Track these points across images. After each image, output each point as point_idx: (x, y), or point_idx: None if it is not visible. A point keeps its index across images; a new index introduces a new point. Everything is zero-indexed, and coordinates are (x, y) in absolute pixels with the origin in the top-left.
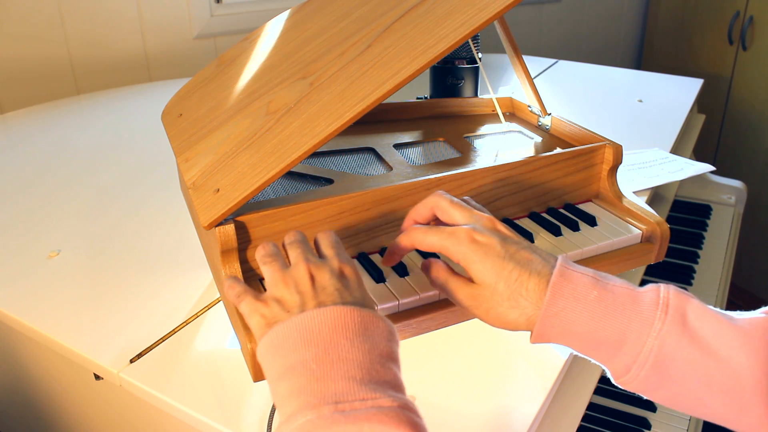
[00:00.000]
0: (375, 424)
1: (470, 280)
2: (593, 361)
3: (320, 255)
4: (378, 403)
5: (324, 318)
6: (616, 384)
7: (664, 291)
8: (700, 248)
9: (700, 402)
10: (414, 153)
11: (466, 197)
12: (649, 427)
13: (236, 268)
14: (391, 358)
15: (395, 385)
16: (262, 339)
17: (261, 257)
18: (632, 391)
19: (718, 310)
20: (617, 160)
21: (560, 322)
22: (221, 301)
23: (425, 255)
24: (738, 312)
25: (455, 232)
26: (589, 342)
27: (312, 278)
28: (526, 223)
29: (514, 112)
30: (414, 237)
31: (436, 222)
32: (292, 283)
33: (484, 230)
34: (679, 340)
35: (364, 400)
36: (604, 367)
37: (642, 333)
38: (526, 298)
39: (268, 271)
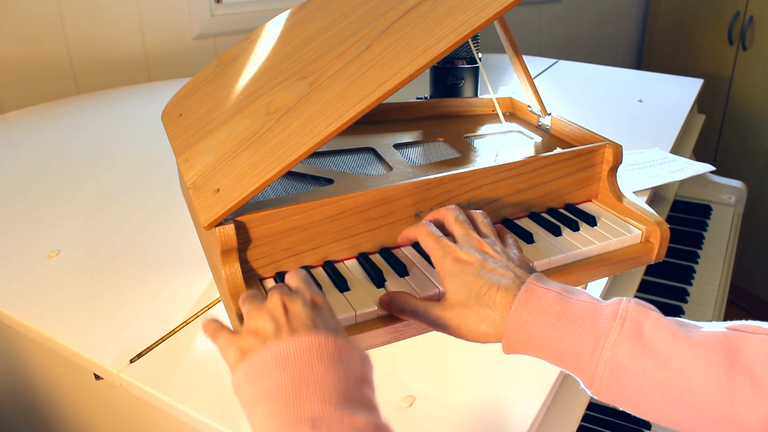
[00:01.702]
0: None
1: (441, 299)
2: (563, 369)
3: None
4: (354, 423)
5: (299, 345)
6: (590, 395)
7: (624, 304)
8: (700, 248)
9: (659, 411)
10: (414, 153)
11: (480, 210)
12: (649, 427)
13: (236, 268)
14: (366, 382)
15: (370, 407)
16: (237, 369)
17: (241, 300)
18: (603, 401)
19: (682, 321)
20: (617, 160)
21: (524, 335)
22: (221, 301)
23: (425, 256)
24: (703, 323)
25: (445, 246)
26: (554, 353)
27: (285, 308)
28: (526, 223)
29: (514, 112)
30: (419, 231)
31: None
32: (267, 312)
33: (469, 249)
34: (633, 351)
35: (341, 422)
36: (576, 377)
37: (598, 344)
38: (493, 310)
39: (244, 308)
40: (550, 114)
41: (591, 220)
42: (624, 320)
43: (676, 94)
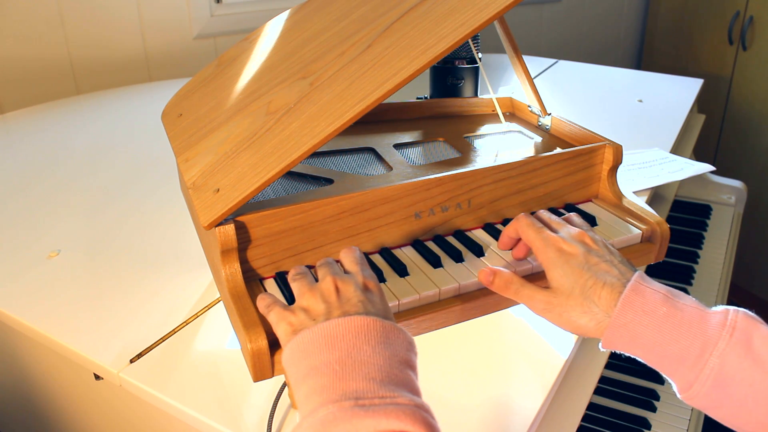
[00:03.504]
0: (392, 419)
1: (544, 286)
2: (661, 372)
3: (345, 271)
4: (396, 401)
5: (348, 325)
6: (681, 398)
7: (733, 314)
8: (700, 248)
9: (760, 424)
10: (414, 153)
11: (573, 213)
12: (649, 427)
13: (236, 268)
14: (410, 365)
15: (413, 389)
16: (288, 344)
17: (291, 276)
18: (696, 407)
19: None
20: (617, 160)
21: (628, 333)
22: (221, 301)
23: (424, 256)
24: None
25: (548, 237)
26: (655, 355)
27: (338, 290)
28: None
29: (514, 112)
30: (520, 224)
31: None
32: (319, 294)
33: (572, 240)
34: (741, 362)
35: (383, 398)
36: (670, 380)
37: (705, 351)
38: (598, 305)
39: (296, 285)
40: (550, 114)
41: (591, 220)
42: (733, 330)
43: (676, 94)
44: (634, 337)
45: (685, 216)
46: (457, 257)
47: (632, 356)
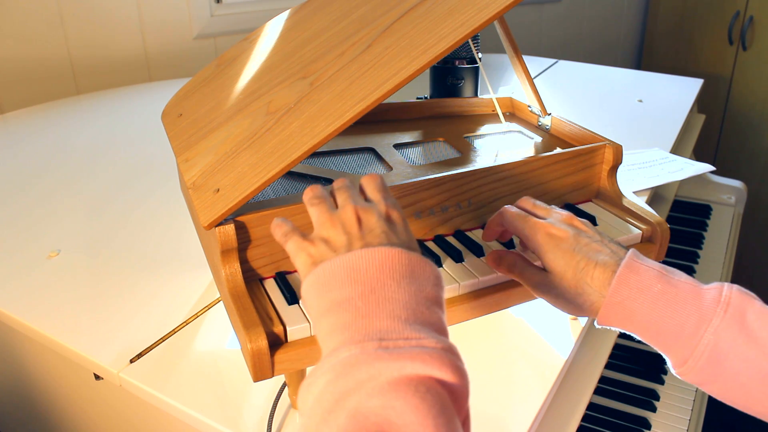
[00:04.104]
0: (418, 362)
1: (542, 268)
2: (655, 347)
3: (366, 199)
4: (422, 343)
5: (371, 258)
6: (675, 374)
7: (727, 290)
8: (700, 248)
9: (753, 399)
10: (414, 153)
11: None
12: (649, 427)
13: (236, 268)
14: (437, 302)
15: (440, 328)
16: (308, 276)
17: (309, 199)
18: (690, 382)
19: None
20: (617, 160)
21: (623, 310)
22: (221, 301)
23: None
24: None
25: (536, 224)
26: (650, 331)
27: (359, 220)
28: None
29: (514, 112)
30: (505, 216)
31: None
32: (339, 224)
33: (560, 224)
34: (735, 338)
35: (408, 339)
36: (664, 355)
37: (699, 327)
38: (591, 285)
39: (315, 212)
40: (550, 114)
41: (591, 220)
42: (728, 306)
43: (676, 94)
44: (629, 315)
45: (685, 216)
46: (457, 257)
47: (627, 332)
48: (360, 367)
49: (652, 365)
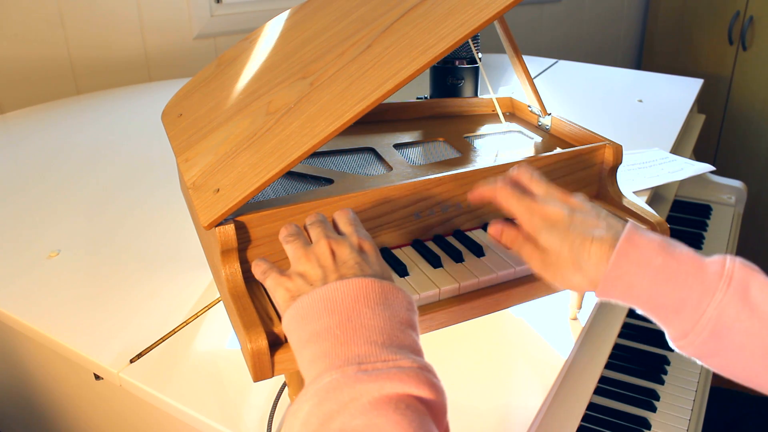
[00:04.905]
0: (396, 382)
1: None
2: (654, 319)
3: (339, 233)
4: (399, 363)
5: (346, 289)
6: (673, 347)
7: (730, 262)
8: (700, 248)
9: (754, 372)
10: (414, 153)
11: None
12: (649, 427)
13: (236, 268)
14: (410, 325)
15: (414, 350)
16: (287, 310)
17: (284, 237)
18: (688, 354)
19: None
20: (617, 160)
21: (623, 284)
22: (221, 301)
23: (424, 256)
24: None
25: (531, 206)
26: (650, 305)
27: (333, 253)
28: None
29: (514, 112)
30: (501, 195)
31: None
32: (315, 258)
33: (555, 204)
34: (739, 312)
35: (386, 361)
36: (663, 328)
37: (702, 301)
38: (588, 261)
39: (290, 249)
40: (550, 114)
41: None
42: (730, 279)
43: (676, 94)
44: (629, 288)
45: (685, 216)
46: (457, 257)
47: (627, 305)
48: (342, 389)
49: (652, 365)
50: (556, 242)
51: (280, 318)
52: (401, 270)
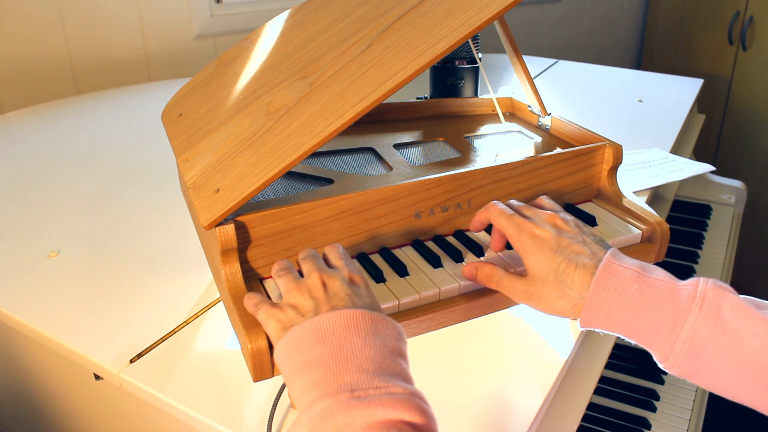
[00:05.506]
0: (388, 408)
1: (523, 273)
2: (638, 344)
3: (330, 266)
4: (390, 390)
5: (337, 319)
6: (662, 368)
7: (703, 285)
8: (700, 248)
9: (736, 390)
10: (414, 153)
11: (543, 195)
12: (649, 427)
13: (236, 268)
14: (401, 354)
15: (405, 377)
16: (279, 341)
17: (276, 272)
18: (675, 375)
19: (757, 301)
20: (617, 160)
21: (602, 312)
22: (221, 301)
23: (425, 256)
24: None
25: (521, 224)
26: (631, 330)
27: (324, 285)
28: None
29: (514, 112)
30: (491, 212)
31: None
32: (306, 290)
33: (543, 225)
34: (712, 332)
35: (378, 388)
36: (650, 351)
37: (677, 324)
38: (571, 288)
39: (282, 282)
40: (550, 114)
41: (591, 220)
42: (702, 301)
43: (676, 94)
44: (609, 315)
45: (685, 216)
46: (457, 257)
47: (611, 333)
48: (335, 416)
49: (652, 365)
50: (543, 266)
51: (272, 349)
52: (401, 270)
